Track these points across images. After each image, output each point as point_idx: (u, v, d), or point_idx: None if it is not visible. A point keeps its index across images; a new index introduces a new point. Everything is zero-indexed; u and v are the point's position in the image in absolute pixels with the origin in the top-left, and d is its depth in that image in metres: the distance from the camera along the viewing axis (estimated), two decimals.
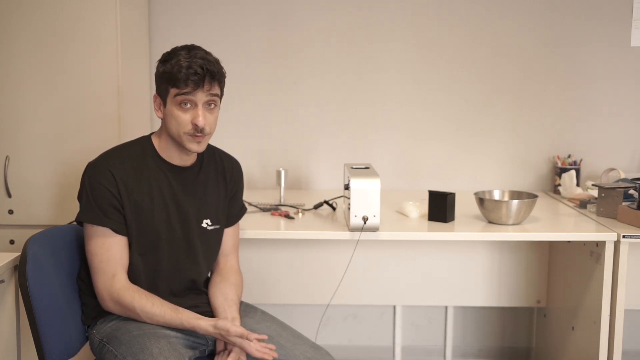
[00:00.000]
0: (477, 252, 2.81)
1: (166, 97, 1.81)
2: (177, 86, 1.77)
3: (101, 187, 1.78)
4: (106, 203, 1.78)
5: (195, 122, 1.78)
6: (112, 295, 1.79)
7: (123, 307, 1.79)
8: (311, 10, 2.87)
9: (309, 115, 2.93)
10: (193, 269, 1.92)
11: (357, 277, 2.76)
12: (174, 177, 1.88)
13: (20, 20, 2.40)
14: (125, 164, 1.83)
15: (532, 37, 2.88)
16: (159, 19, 2.85)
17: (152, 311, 1.77)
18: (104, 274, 1.79)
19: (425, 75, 2.91)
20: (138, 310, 1.77)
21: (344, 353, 3.00)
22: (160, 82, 1.82)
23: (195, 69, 1.75)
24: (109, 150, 1.88)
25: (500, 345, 3.03)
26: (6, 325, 1.92)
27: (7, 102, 2.44)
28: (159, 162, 1.88)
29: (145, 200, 1.83)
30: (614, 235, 2.15)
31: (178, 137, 1.82)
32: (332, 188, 2.92)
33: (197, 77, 1.76)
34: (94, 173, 1.80)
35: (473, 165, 2.95)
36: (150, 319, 1.78)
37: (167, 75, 1.78)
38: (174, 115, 1.80)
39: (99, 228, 1.79)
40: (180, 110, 1.79)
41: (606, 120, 2.91)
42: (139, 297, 1.78)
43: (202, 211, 1.92)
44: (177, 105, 1.79)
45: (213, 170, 1.98)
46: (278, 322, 1.97)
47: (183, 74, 1.75)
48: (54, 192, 2.48)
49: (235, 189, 2.03)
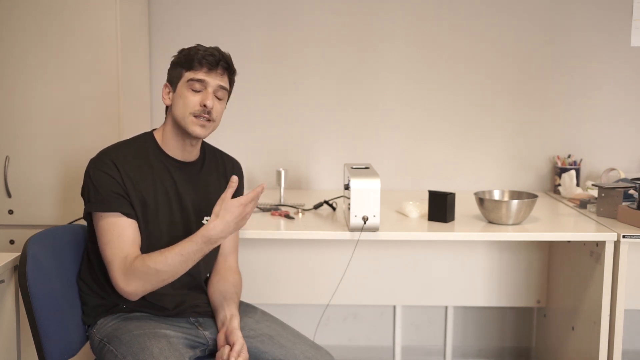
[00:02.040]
0: (477, 252, 2.81)
1: (178, 82, 1.85)
2: (192, 68, 1.83)
3: (105, 175, 1.78)
4: (112, 190, 1.78)
5: (205, 103, 1.83)
6: (127, 274, 1.73)
7: (140, 276, 1.72)
8: (311, 10, 2.87)
9: (309, 115, 2.93)
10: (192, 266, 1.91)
11: (357, 277, 2.76)
12: (176, 172, 1.89)
13: (21, 20, 2.39)
14: (128, 157, 1.84)
15: (532, 37, 2.88)
16: (159, 18, 2.85)
17: (163, 259, 1.70)
18: (118, 258, 1.74)
19: (426, 75, 2.91)
20: (156, 266, 1.70)
21: (344, 353, 3.00)
22: (174, 68, 1.88)
23: (212, 52, 1.84)
24: (110, 145, 1.89)
25: (500, 345, 3.03)
26: (6, 325, 1.92)
27: (7, 102, 2.44)
28: (162, 157, 1.89)
29: (149, 193, 1.83)
30: (614, 235, 2.15)
31: (183, 119, 1.84)
32: (332, 188, 2.92)
33: (213, 59, 1.83)
34: (96, 165, 1.81)
35: (473, 165, 2.95)
36: (169, 265, 1.70)
37: (184, 58, 1.85)
38: (184, 96, 1.84)
39: (109, 216, 1.77)
40: (190, 93, 1.84)
41: (606, 120, 2.91)
42: (147, 257, 1.73)
43: (203, 208, 1.92)
44: (188, 88, 1.84)
45: (214, 168, 1.99)
46: (278, 322, 1.97)
47: (200, 55, 1.83)
48: (54, 192, 2.48)
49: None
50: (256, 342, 1.85)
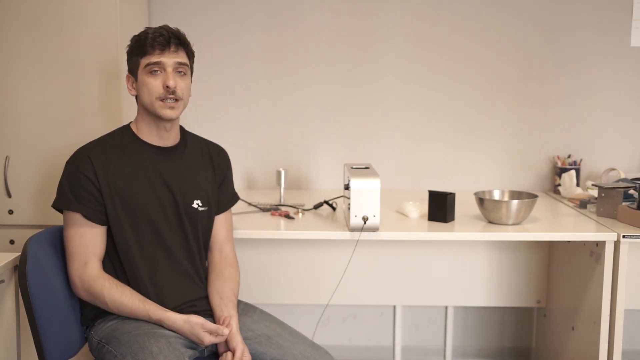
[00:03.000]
0: (477, 252, 2.81)
1: (137, 70, 1.86)
2: (146, 53, 1.84)
3: (77, 172, 1.81)
4: (81, 189, 1.80)
5: (166, 84, 1.83)
6: (84, 282, 1.80)
7: (93, 295, 1.80)
8: (311, 10, 2.87)
9: (309, 115, 2.93)
10: (186, 251, 1.91)
11: (357, 277, 2.76)
12: (158, 158, 1.90)
13: (21, 20, 2.39)
14: (107, 150, 1.86)
15: (532, 37, 2.88)
16: (159, 18, 2.85)
17: (120, 300, 1.78)
18: (77, 260, 1.81)
19: (426, 75, 2.91)
20: (107, 299, 1.78)
21: (344, 353, 3.00)
22: (130, 57, 1.90)
23: (160, 32, 1.84)
24: (89, 142, 1.91)
25: (500, 345, 3.03)
26: (6, 325, 1.92)
27: (8, 102, 2.44)
28: (141, 145, 1.90)
29: (131, 184, 1.84)
30: (614, 235, 2.15)
31: (151, 105, 1.85)
32: (332, 188, 2.92)
33: (163, 39, 1.83)
34: (72, 162, 1.84)
35: (473, 165, 2.95)
36: (117, 309, 1.79)
37: (135, 46, 1.86)
38: (145, 83, 1.85)
39: (72, 214, 1.81)
40: (151, 77, 1.85)
41: (606, 120, 2.91)
42: (109, 285, 1.79)
43: (192, 191, 1.93)
44: (147, 74, 1.85)
45: (198, 152, 2.00)
46: (277, 321, 1.97)
47: (150, 39, 1.83)
48: (54, 192, 2.47)
49: (223, 174, 2.04)
50: (254, 344, 1.85)
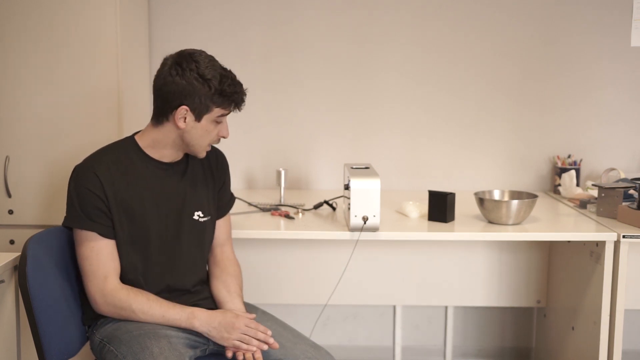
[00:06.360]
0: (477, 252, 2.81)
1: (204, 114, 1.82)
2: (224, 106, 1.83)
3: (87, 191, 1.79)
4: (92, 207, 1.79)
5: (223, 135, 1.89)
6: (106, 297, 1.79)
7: (118, 307, 1.79)
8: (311, 10, 2.87)
9: (309, 115, 2.93)
10: (187, 263, 1.92)
11: (357, 277, 2.76)
12: (162, 174, 1.90)
13: (20, 20, 2.39)
14: (111, 165, 1.84)
15: (532, 37, 2.88)
16: (159, 17, 2.85)
17: (148, 304, 1.78)
18: (96, 277, 1.80)
19: (426, 76, 2.91)
20: (134, 306, 1.78)
21: (344, 353, 3.00)
22: (202, 98, 1.80)
23: (243, 92, 1.86)
24: (94, 153, 1.89)
25: (500, 345, 3.03)
26: (6, 325, 1.92)
27: (7, 102, 2.44)
28: (146, 160, 1.89)
29: (135, 199, 1.83)
30: (614, 235, 2.15)
31: (198, 146, 1.87)
32: (332, 188, 2.92)
33: (243, 102, 1.87)
34: (79, 177, 1.82)
35: (473, 165, 2.95)
36: (146, 314, 1.78)
37: (217, 94, 1.80)
38: (207, 130, 1.85)
39: (86, 232, 1.80)
40: (213, 125, 1.85)
41: (606, 120, 2.91)
42: (134, 294, 1.80)
43: (193, 204, 1.93)
44: (212, 121, 1.85)
45: (199, 165, 1.99)
46: (278, 321, 1.98)
47: (236, 98, 1.84)
48: (54, 192, 2.47)
49: (222, 179, 2.05)
50: None
